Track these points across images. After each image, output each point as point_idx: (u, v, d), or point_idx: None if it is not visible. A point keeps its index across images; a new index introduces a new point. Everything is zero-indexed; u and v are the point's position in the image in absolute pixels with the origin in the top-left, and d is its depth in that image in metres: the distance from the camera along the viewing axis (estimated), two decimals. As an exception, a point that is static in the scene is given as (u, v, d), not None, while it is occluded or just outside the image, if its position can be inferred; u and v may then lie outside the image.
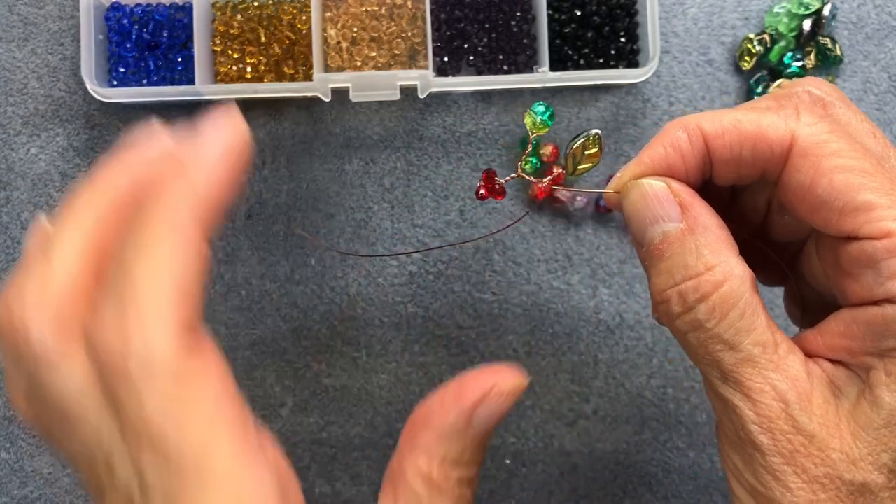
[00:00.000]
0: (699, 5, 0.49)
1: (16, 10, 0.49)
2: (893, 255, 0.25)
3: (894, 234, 0.25)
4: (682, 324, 0.28)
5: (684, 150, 0.29)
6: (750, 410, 0.27)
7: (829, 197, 0.26)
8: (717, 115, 0.29)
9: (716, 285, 0.27)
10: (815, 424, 0.26)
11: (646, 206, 0.29)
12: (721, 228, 0.29)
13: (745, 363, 0.27)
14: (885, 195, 0.26)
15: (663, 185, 0.29)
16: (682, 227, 0.28)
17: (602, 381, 0.48)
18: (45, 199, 0.48)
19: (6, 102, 0.48)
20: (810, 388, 0.27)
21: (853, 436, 0.26)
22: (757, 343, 0.27)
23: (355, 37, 0.47)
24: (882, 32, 0.49)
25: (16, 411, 0.26)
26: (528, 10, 0.48)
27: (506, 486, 0.47)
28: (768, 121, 0.28)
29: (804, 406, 0.26)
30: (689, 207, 0.29)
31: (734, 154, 0.28)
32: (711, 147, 0.29)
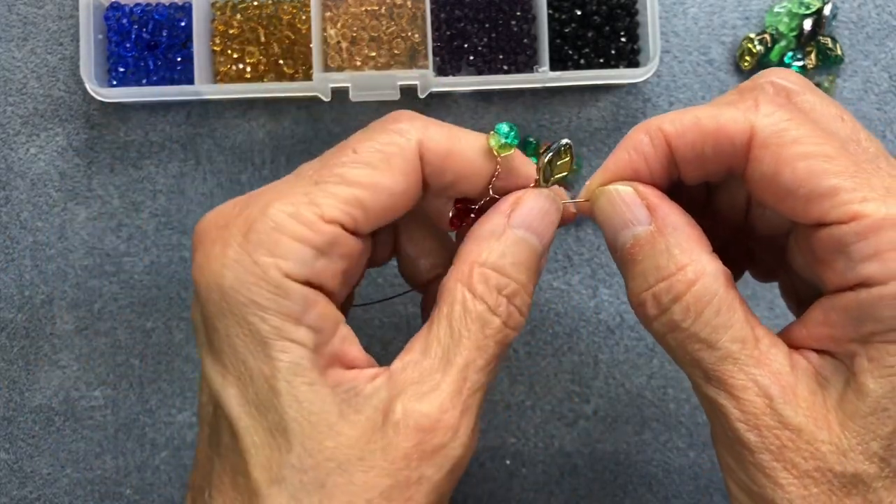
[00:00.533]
0: (699, 5, 0.49)
1: (15, 9, 0.49)
2: (861, 237, 0.25)
3: (860, 216, 0.25)
4: (660, 326, 0.28)
5: (647, 154, 0.29)
6: (735, 408, 0.27)
7: (793, 185, 0.26)
8: (679, 114, 0.29)
9: (688, 284, 0.27)
10: (802, 417, 0.26)
11: (614, 212, 0.29)
12: (691, 227, 0.28)
13: (726, 360, 0.27)
14: (848, 178, 0.25)
15: (630, 189, 0.29)
16: (652, 229, 0.28)
17: (602, 382, 0.48)
18: (44, 198, 0.48)
19: (5, 102, 0.48)
20: (794, 380, 0.26)
21: (841, 426, 0.26)
22: (735, 339, 0.27)
23: (355, 36, 0.47)
24: (883, 32, 0.49)
25: None
26: (528, 10, 0.47)
27: (506, 486, 0.47)
28: (727, 115, 0.27)
29: (789, 399, 0.26)
30: (656, 209, 0.28)
31: (697, 152, 0.28)
32: (674, 147, 0.28)
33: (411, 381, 0.27)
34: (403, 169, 0.28)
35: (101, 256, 0.48)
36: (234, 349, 0.27)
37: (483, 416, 0.47)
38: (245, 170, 0.48)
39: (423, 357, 0.28)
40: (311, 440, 0.26)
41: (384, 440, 0.26)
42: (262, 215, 0.27)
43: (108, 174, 0.48)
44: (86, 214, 0.48)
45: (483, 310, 0.28)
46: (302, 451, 0.26)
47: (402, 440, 0.26)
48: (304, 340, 0.27)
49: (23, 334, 0.48)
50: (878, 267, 0.25)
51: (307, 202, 0.27)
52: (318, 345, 0.27)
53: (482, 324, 0.28)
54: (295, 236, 0.26)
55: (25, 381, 0.48)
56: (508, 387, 0.47)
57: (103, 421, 0.47)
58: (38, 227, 0.48)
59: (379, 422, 0.26)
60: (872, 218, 0.25)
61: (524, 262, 0.29)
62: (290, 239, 0.26)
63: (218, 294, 0.27)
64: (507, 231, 0.29)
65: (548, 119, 0.48)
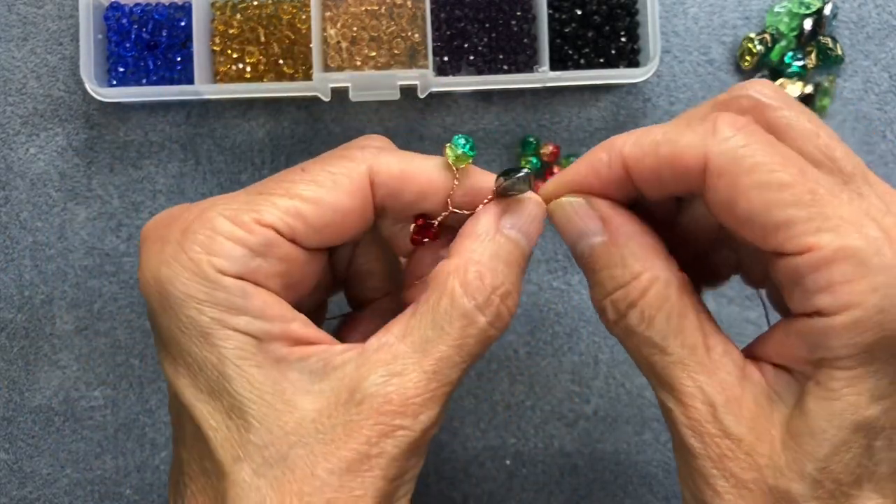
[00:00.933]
0: (700, 5, 0.49)
1: (15, 9, 0.49)
2: (815, 269, 0.25)
3: (814, 247, 0.25)
4: (619, 331, 0.29)
5: (602, 173, 0.29)
6: (681, 414, 0.27)
7: (748, 216, 0.26)
8: (641, 136, 0.29)
9: (642, 291, 0.28)
10: (744, 428, 0.26)
11: (569, 223, 0.30)
12: (645, 235, 0.29)
13: (676, 366, 0.27)
14: (803, 208, 0.25)
15: (582, 202, 0.30)
16: (605, 239, 0.29)
17: (602, 382, 0.47)
18: (44, 198, 0.48)
19: (5, 102, 0.48)
20: (741, 391, 0.27)
21: (782, 443, 0.26)
22: (685, 345, 0.27)
23: (355, 36, 0.47)
24: (883, 32, 0.49)
25: None
26: (529, 10, 0.47)
27: (506, 486, 0.47)
28: (685, 141, 0.27)
29: (732, 409, 0.26)
30: (609, 220, 0.29)
31: (655, 176, 0.28)
32: (631, 171, 0.29)
33: (383, 362, 0.27)
34: (349, 189, 0.29)
35: (100, 256, 0.48)
36: (178, 342, 0.28)
37: (483, 417, 0.47)
38: (245, 170, 0.48)
39: (399, 341, 0.28)
40: (269, 417, 0.27)
41: (346, 416, 0.27)
42: (201, 217, 0.28)
43: (108, 174, 0.48)
44: (85, 214, 0.48)
45: (471, 307, 0.28)
46: (261, 427, 0.27)
47: (365, 418, 0.27)
48: (247, 328, 0.28)
49: (22, 334, 0.48)
50: (830, 299, 0.25)
51: (247, 208, 0.28)
52: (267, 331, 0.28)
53: (467, 321, 0.28)
54: (229, 236, 0.28)
55: (25, 381, 0.48)
56: (508, 387, 0.47)
57: (103, 421, 0.47)
58: (38, 227, 0.48)
59: (343, 397, 0.27)
60: (825, 250, 0.25)
61: (516, 264, 0.30)
62: (224, 238, 0.28)
63: (157, 290, 0.28)
64: (500, 231, 0.30)
65: (548, 119, 0.48)
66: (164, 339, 0.29)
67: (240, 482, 0.27)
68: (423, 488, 0.47)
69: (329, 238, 0.30)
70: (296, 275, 0.30)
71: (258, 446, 0.27)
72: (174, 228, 0.29)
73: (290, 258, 0.29)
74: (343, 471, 0.26)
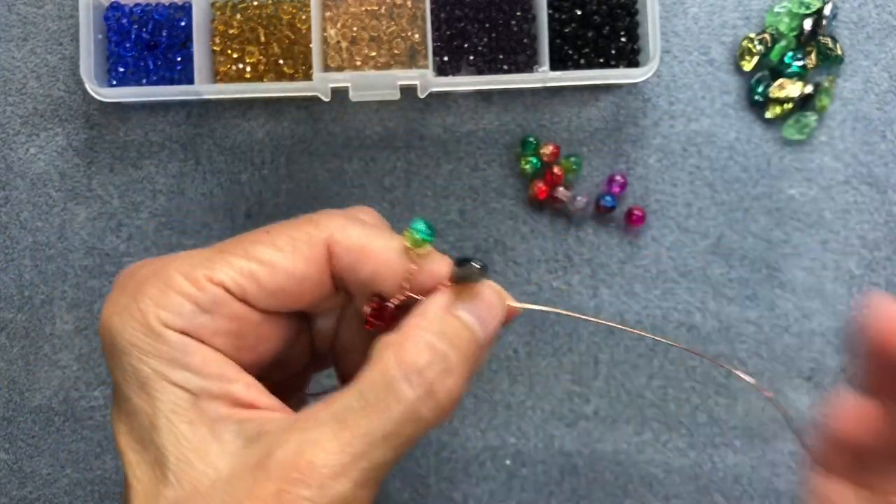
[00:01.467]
0: (699, 5, 0.49)
1: (15, 9, 0.49)
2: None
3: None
4: None
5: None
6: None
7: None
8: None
9: None
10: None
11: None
12: None
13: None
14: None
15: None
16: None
17: (602, 382, 0.47)
18: (44, 198, 0.48)
19: (5, 102, 0.48)
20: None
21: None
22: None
23: (355, 36, 0.47)
24: (883, 32, 0.49)
25: None
26: (529, 10, 0.47)
27: (506, 486, 0.47)
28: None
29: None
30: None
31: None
32: None
33: (301, 430, 0.27)
34: (306, 255, 0.29)
35: (100, 256, 0.48)
36: (121, 388, 0.29)
37: (483, 417, 0.47)
38: (245, 170, 0.48)
39: (321, 410, 0.27)
40: (186, 475, 0.27)
41: (252, 480, 0.26)
42: (157, 272, 0.29)
43: (108, 174, 0.48)
44: (85, 214, 0.48)
45: (400, 379, 0.27)
46: (176, 484, 0.27)
47: (268, 481, 0.26)
48: (184, 383, 0.28)
49: (22, 334, 0.48)
50: None
51: (201, 265, 0.29)
52: (205, 389, 0.28)
53: (394, 394, 0.26)
54: (179, 291, 0.28)
55: (25, 381, 0.48)
56: (508, 387, 0.47)
57: (103, 421, 0.47)
58: (38, 227, 0.48)
59: (254, 461, 0.26)
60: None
61: (465, 348, 0.28)
62: (174, 293, 0.28)
63: (108, 337, 0.29)
64: (450, 310, 0.29)
65: (548, 119, 0.48)
66: (114, 383, 0.30)
67: None
68: (423, 488, 0.47)
69: (284, 302, 0.30)
70: (249, 336, 0.30)
71: (169, 500, 0.27)
72: (133, 280, 0.29)
73: (239, 318, 0.29)
74: None
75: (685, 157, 0.48)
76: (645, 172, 0.48)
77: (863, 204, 0.48)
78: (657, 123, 0.48)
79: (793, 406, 0.48)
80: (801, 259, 0.48)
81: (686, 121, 0.48)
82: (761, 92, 0.48)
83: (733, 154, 0.48)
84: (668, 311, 0.48)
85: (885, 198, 0.48)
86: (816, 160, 0.48)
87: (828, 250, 0.48)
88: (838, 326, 0.48)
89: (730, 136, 0.48)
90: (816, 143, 0.48)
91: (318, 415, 0.27)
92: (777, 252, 0.48)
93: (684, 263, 0.48)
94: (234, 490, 0.26)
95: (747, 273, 0.48)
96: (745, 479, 0.47)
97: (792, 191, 0.48)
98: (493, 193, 0.48)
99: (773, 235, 0.48)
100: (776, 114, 0.48)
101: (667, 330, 0.48)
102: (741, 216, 0.48)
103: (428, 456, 0.47)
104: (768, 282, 0.48)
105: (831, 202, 0.48)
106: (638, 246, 0.48)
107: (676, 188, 0.48)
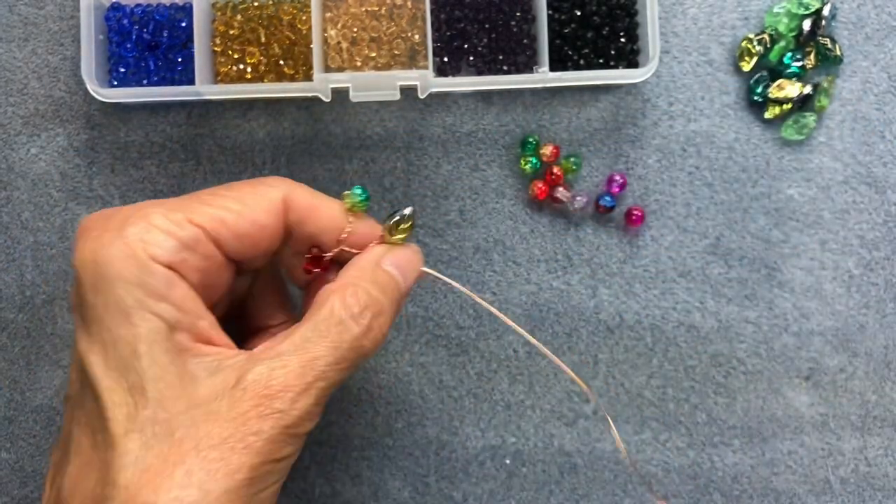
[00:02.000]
0: (699, 5, 0.49)
1: (16, 10, 0.49)
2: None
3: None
4: None
5: None
6: None
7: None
8: None
9: None
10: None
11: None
12: None
13: None
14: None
15: None
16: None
17: (602, 381, 0.48)
18: (45, 199, 0.48)
19: (6, 102, 0.48)
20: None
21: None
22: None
23: (355, 37, 0.47)
24: (882, 32, 0.49)
25: None
26: (528, 11, 0.48)
27: (506, 485, 0.47)
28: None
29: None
30: None
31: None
32: None
33: (266, 358, 0.31)
34: (267, 209, 0.34)
35: (101, 256, 0.48)
36: (100, 319, 0.31)
37: (483, 416, 0.47)
38: (246, 170, 0.48)
39: (280, 342, 0.32)
40: (166, 398, 0.30)
41: (231, 398, 0.30)
42: (139, 212, 0.32)
43: (109, 174, 0.48)
44: (86, 214, 0.48)
45: (346, 317, 0.33)
46: (157, 405, 0.30)
47: (246, 399, 0.30)
48: (164, 314, 0.31)
49: (24, 334, 0.48)
50: None
51: (179, 209, 0.33)
52: (179, 321, 0.31)
53: (342, 329, 0.32)
54: (163, 229, 0.32)
55: (27, 380, 0.48)
56: (508, 386, 0.48)
57: (104, 420, 0.47)
58: (40, 228, 0.48)
59: (230, 384, 0.31)
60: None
61: (391, 294, 0.35)
62: (158, 230, 0.32)
63: (93, 269, 0.31)
64: (380, 265, 0.35)
65: (547, 119, 0.48)
66: (87, 317, 0.31)
67: (127, 452, 0.29)
68: (423, 487, 0.47)
69: (245, 249, 0.34)
70: (213, 277, 0.34)
71: (151, 421, 0.30)
72: (114, 220, 0.32)
73: (211, 258, 0.33)
74: (222, 446, 0.29)
75: (684, 157, 0.48)
76: (644, 172, 0.48)
77: (861, 204, 0.48)
78: (656, 124, 0.48)
79: (792, 405, 0.48)
80: (799, 259, 0.48)
81: (685, 121, 0.48)
82: (760, 92, 0.48)
83: (732, 154, 0.48)
84: (667, 311, 0.48)
85: (884, 198, 0.48)
86: (815, 160, 0.48)
87: (827, 250, 0.48)
88: (837, 326, 0.48)
89: (729, 137, 0.48)
90: (815, 143, 0.48)
91: (277, 347, 0.32)
92: (776, 252, 0.48)
93: (683, 263, 0.48)
94: (214, 408, 0.30)
95: (746, 273, 0.48)
96: (744, 479, 0.47)
97: (791, 191, 0.48)
98: (493, 193, 0.48)
99: (772, 235, 0.48)
100: (775, 114, 0.48)
101: (666, 329, 0.48)
102: (740, 216, 0.48)
103: (428, 455, 0.47)
104: (767, 281, 0.48)
105: (830, 202, 0.48)
106: (637, 246, 0.48)
107: (676, 188, 0.48)
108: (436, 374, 0.48)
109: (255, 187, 0.35)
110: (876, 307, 0.48)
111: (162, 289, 0.31)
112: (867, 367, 0.48)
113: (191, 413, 0.30)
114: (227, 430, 0.29)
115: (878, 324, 0.48)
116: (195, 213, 0.33)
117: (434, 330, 0.48)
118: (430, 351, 0.48)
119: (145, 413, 0.30)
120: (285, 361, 0.31)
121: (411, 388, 0.48)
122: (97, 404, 0.30)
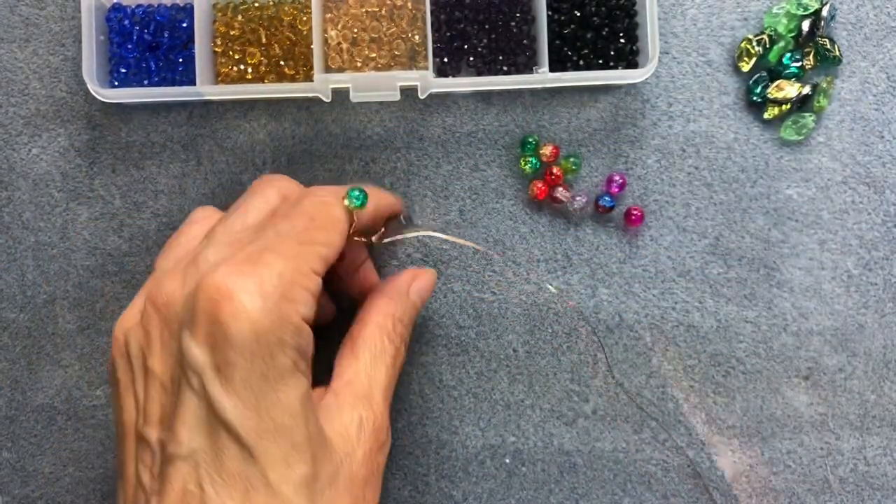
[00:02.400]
0: (698, 6, 0.49)
1: (17, 10, 0.49)
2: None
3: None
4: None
5: None
6: None
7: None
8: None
9: None
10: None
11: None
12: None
13: None
14: None
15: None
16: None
17: (601, 381, 0.48)
18: (46, 199, 0.48)
19: (7, 103, 0.48)
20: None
21: None
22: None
23: (355, 37, 0.48)
24: (881, 33, 0.49)
25: None
26: (528, 11, 0.48)
27: (505, 485, 0.47)
28: None
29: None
30: None
31: None
32: None
33: (359, 396, 0.36)
34: (342, 231, 0.37)
35: (102, 256, 0.48)
36: (251, 384, 0.32)
37: (482, 416, 0.47)
38: (246, 170, 0.48)
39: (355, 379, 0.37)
40: (319, 453, 0.33)
41: (357, 442, 0.35)
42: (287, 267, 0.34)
43: (110, 174, 0.48)
44: (88, 215, 0.48)
45: (392, 350, 0.39)
46: (313, 462, 0.33)
47: (367, 441, 0.35)
48: (307, 372, 0.34)
49: (25, 334, 0.48)
50: None
51: (304, 258, 0.34)
52: (308, 371, 0.34)
53: (392, 358, 0.39)
54: (304, 286, 0.34)
55: (28, 380, 0.48)
56: (508, 386, 0.48)
57: (105, 420, 0.48)
58: (41, 228, 0.48)
59: (353, 430, 0.35)
60: None
61: (412, 316, 0.42)
62: (300, 288, 0.33)
63: (252, 336, 0.32)
64: (408, 296, 0.42)
65: (547, 119, 0.49)
66: (236, 380, 0.32)
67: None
68: (422, 486, 0.47)
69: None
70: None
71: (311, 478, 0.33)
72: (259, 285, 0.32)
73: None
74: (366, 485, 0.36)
75: (684, 157, 0.48)
76: (644, 173, 0.48)
77: (860, 204, 0.48)
78: (656, 124, 0.48)
79: (791, 405, 0.48)
80: (798, 259, 0.48)
81: (684, 121, 0.48)
82: (759, 93, 0.48)
83: (731, 154, 0.48)
84: (666, 311, 0.48)
85: (883, 198, 0.48)
86: (814, 160, 0.48)
87: (826, 250, 0.48)
88: (836, 326, 0.48)
89: (728, 137, 0.48)
90: (814, 143, 0.49)
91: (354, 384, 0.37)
92: (775, 252, 0.48)
93: (683, 263, 0.48)
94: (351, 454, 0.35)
95: (745, 273, 0.48)
96: (743, 478, 0.47)
97: (790, 191, 0.48)
98: (493, 193, 0.48)
99: (771, 235, 0.48)
100: (774, 114, 0.48)
101: (665, 329, 0.48)
102: (739, 216, 0.48)
103: (428, 454, 0.48)
104: (766, 281, 0.48)
105: (829, 202, 0.48)
106: (637, 246, 0.48)
107: (675, 188, 0.48)
108: (436, 373, 0.48)
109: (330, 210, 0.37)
110: (875, 307, 0.48)
111: (307, 347, 0.34)
112: (866, 366, 0.48)
113: (336, 462, 0.34)
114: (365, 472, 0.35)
115: (877, 323, 0.48)
116: (311, 261, 0.34)
117: (434, 330, 0.48)
118: (429, 350, 0.48)
119: (304, 470, 0.32)
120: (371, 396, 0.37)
121: (411, 387, 0.48)
122: (251, 464, 0.32)
